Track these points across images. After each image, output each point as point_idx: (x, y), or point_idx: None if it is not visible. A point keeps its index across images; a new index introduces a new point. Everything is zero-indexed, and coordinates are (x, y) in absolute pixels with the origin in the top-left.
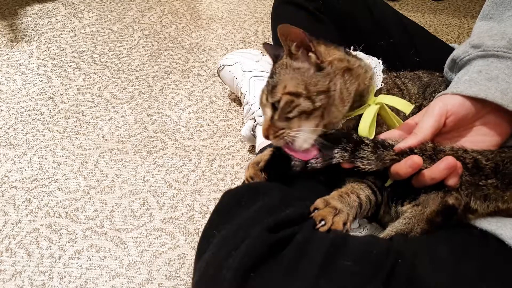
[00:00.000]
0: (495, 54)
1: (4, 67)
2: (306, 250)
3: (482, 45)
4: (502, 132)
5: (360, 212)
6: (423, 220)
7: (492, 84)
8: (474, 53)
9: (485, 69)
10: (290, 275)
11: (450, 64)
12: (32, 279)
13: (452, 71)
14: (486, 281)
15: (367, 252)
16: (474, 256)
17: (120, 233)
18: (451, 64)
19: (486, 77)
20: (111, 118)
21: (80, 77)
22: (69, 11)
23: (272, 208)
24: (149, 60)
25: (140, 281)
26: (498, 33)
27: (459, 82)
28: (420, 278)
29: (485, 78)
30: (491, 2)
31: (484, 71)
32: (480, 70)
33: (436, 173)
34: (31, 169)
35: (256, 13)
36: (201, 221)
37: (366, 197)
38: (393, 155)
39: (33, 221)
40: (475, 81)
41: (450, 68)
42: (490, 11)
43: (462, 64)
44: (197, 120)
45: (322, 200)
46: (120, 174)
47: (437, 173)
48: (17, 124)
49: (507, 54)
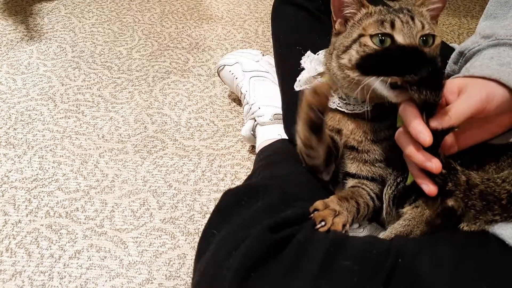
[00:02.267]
0: (507, 43)
1: (4, 67)
2: (306, 250)
3: (494, 34)
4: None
5: (357, 217)
6: (422, 222)
7: (505, 68)
8: (485, 43)
9: (496, 56)
10: (290, 275)
11: (455, 58)
12: (32, 279)
13: (456, 64)
14: (486, 281)
15: (367, 252)
16: (474, 256)
17: (120, 233)
18: (457, 57)
19: (498, 62)
20: (111, 118)
21: (80, 77)
22: (69, 11)
23: (272, 208)
24: (149, 60)
25: (140, 281)
26: (511, 23)
27: (470, 67)
28: (420, 278)
29: (497, 64)
30: (495, 2)
31: (496, 58)
32: (492, 57)
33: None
34: (31, 169)
35: (256, 13)
36: (201, 221)
37: (364, 203)
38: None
39: (33, 221)
40: (487, 65)
41: (455, 62)
42: (494, 11)
43: (470, 55)
44: (197, 120)
45: (321, 202)
46: (120, 174)
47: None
48: (17, 124)
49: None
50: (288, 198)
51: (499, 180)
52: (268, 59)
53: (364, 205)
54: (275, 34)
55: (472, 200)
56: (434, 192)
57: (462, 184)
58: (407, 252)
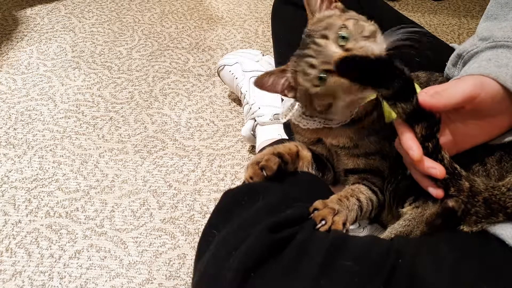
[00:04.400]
0: (505, 45)
1: (4, 67)
2: (307, 250)
3: (491, 36)
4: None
5: (361, 214)
6: (422, 222)
7: (502, 69)
8: (483, 45)
9: (494, 58)
10: (291, 275)
11: (454, 60)
12: (32, 279)
13: (455, 66)
14: (487, 281)
15: (368, 252)
16: (474, 256)
17: (120, 233)
18: (455, 59)
19: (496, 64)
20: (111, 118)
21: (80, 77)
22: (69, 11)
23: (273, 208)
24: (149, 60)
25: (140, 281)
26: (508, 25)
27: (468, 69)
28: (421, 278)
29: (494, 65)
30: (495, 3)
31: (493, 59)
32: (490, 58)
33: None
34: (31, 169)
35: (256, 13)
36: (201, 221)
37: (367, 198)
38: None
39: (33, 221)
40: (484, 67)
41: (454, 64)
42: (494, 12)
43: (468, 57)
44: (197, 120)
45: (321, 202)
46: (120, 174)
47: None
48: (17, 124)
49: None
50: (288, 198)
51: (504, 188)
52: (268, 59)
53: (367, 201)
54: (275, 34)
55: (476, 207)
56: (442, 194)
57: (465, 190)
58: (407, 252)
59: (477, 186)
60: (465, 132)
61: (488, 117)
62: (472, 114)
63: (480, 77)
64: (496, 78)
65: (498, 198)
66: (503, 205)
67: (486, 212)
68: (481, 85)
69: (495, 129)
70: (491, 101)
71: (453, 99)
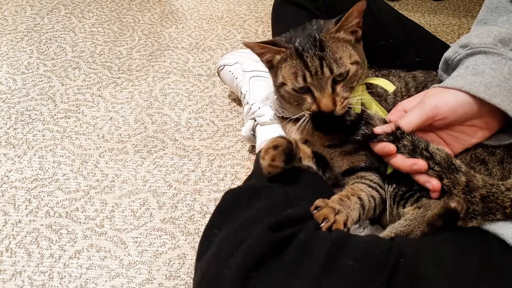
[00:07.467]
0: (482, 51)
1: (4, 67)
2: (308, 250)
3: (469, 43)
4: (490, 127)
5: (364, 212)
6: (424, 223)
7: (477, 78)
8: (463, 52)
9: (472, 65)
10: (292, 275)
11: (443, 66)
12: (32, 279)
13: (446, 73)
14: (487, 280)
15: (369, 252)
16: (475, 256)
17: (120, 233)
18: (445, 66)
19: (473, 72)
20: (111, 118)
21: (80, 77)
22: (69, 11)
23: (274, 208)
24: (149, 60)
25: (140, 281)
26: (484, 31)
27: (448, 80)
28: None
29: (471, 73)
30: (486, 8)
31: (471, 67)
32: (468, 66)
33: (401, 165)
34: (31, 169)
35: (256, 13)
36: (201, 221)
37: (368, 195)
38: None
39: (33, 221)
40: (462, 76)
41: (444, 71)
42: (484, 17)
43: (454, 65)
44: (197, 120)
45: (322, 201)
46: (120, 174)
47: (402, 166)
48: (17, 124)
49: (493, 49)
50: (289, 197)
51: (503, 187)
52: None
53: (369, 198)
54: (276, 34)
55: (474, 205)
56: (438, 186)
57: (461, 184)
58: (408, 252)
59: (475, 182)
60: (450, 137)
61: (465, 123)
62: (445, 124)
63: (442, 97)
64: (468, 91)
65: (496, 196)
66: (500, 204)
67: (484, 211)
68: (436, 107)
69: (480, 131)
70: (455, 113)
71: (411, 126)
